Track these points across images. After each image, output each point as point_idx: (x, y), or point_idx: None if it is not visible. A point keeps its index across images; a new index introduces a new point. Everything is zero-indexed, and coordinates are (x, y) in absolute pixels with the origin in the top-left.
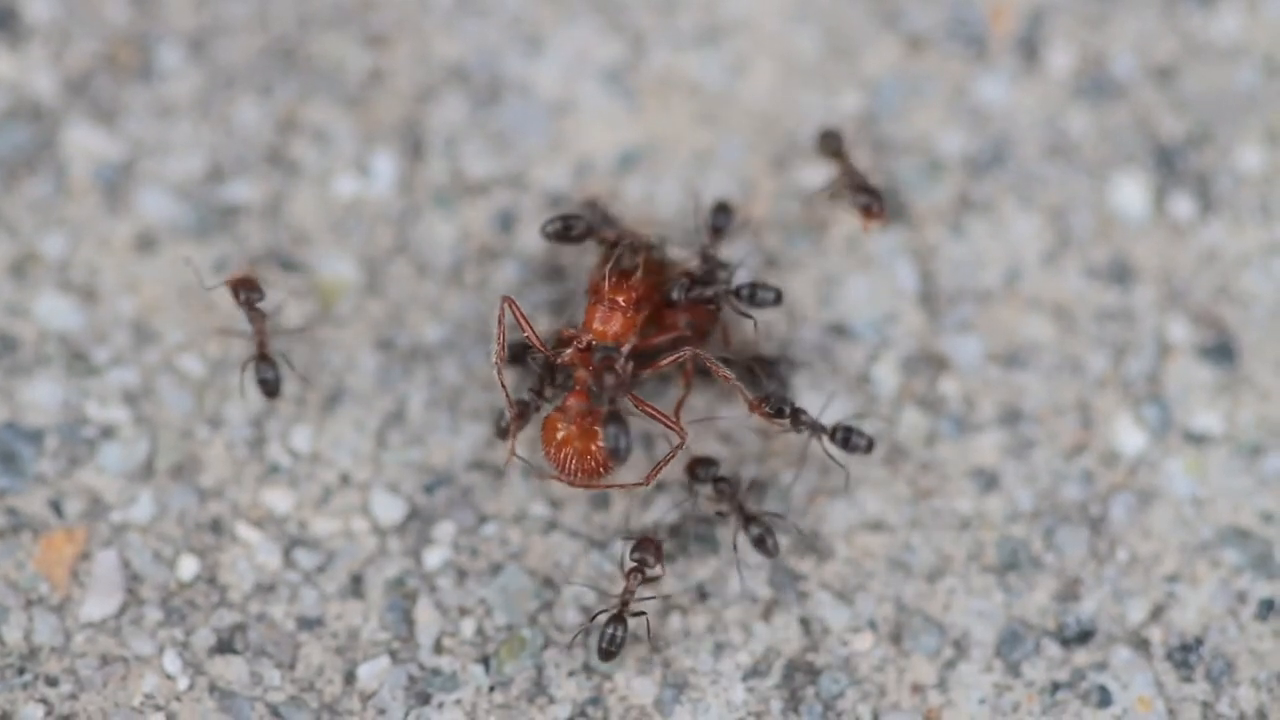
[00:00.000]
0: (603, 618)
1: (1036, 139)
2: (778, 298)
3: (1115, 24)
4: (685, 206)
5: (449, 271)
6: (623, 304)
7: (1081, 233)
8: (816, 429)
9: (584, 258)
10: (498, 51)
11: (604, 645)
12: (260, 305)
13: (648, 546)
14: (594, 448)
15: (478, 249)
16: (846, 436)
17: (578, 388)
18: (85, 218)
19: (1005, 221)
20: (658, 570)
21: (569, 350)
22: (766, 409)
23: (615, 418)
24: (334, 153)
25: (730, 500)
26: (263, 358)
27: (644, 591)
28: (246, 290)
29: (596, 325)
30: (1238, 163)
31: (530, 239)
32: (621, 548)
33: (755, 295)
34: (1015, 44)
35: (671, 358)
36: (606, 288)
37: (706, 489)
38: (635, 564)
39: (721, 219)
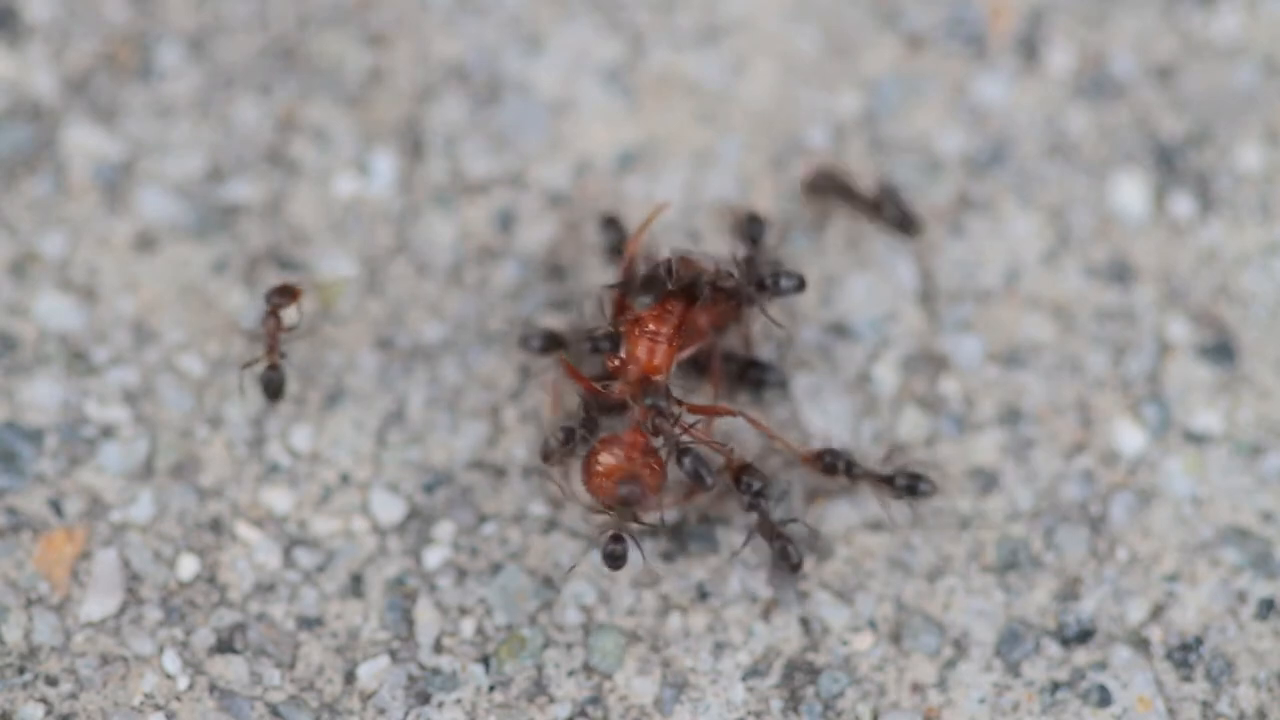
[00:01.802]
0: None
1: (1036, 138)
2: (800, 284)
3: (1115, 23)
4: (685, 205)
5: (449, 271)
6: (665, 335)
7: (1081, 232)
8: (878, 480)
9: (585, 257)
10: (497, 51)
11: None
12: (284, 314)
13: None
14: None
15: (477, 248)
16: (913, 485)
17: (631, 423)
18: (85, 217)
19: (1005, 221)
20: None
21: (616, 384)
22: (822, 465)
23: (685, 452)
24: (333, 152)
25: (763, 517)
26: (271, 365)
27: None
28: (281, 297)
29: (640, 357)
30: (1237, 162)
31: (530, 237)
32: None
33: (779, 283)
34: (1015, 43)
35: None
36: (646, 318)
37: (744, 497)
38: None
39: (756, 229)
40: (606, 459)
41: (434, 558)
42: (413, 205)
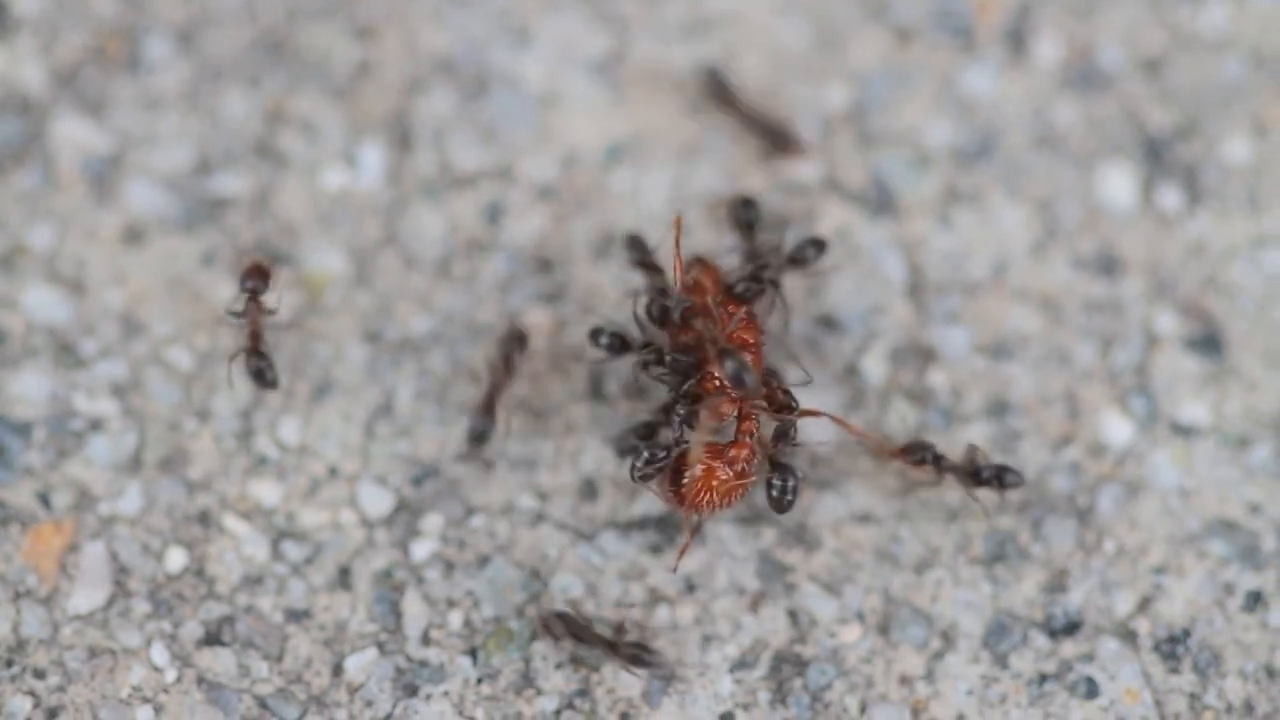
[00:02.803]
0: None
1: (1024, 130)
2: (820, 248)
3: (1102, 15)
4: (673, 198)
5: (437, 263)
6: (754, 344)
7: (1069, 224)
8: (963, 473)
9: (573, 243)
10: (485, 43)
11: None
12: (262, 297)
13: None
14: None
15: (466, 241)
16: (1000, 476)
17: (742, 438)
18: (73, 210)
19: (992, 213)
20: None
21: (721, 403)
22: (910, 458)
23: (782, 467)
24: (322, 144)
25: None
26: (255, 351)
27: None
28: (255, 279)
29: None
30: (1225, 154)
31: (518, 230)
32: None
33: (804, 253)
34: (1002, 35)
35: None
36: (733, 329)
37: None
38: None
39: (748, 213)
40: (724, 475)
41: (422, 550)
42: (401, 198)
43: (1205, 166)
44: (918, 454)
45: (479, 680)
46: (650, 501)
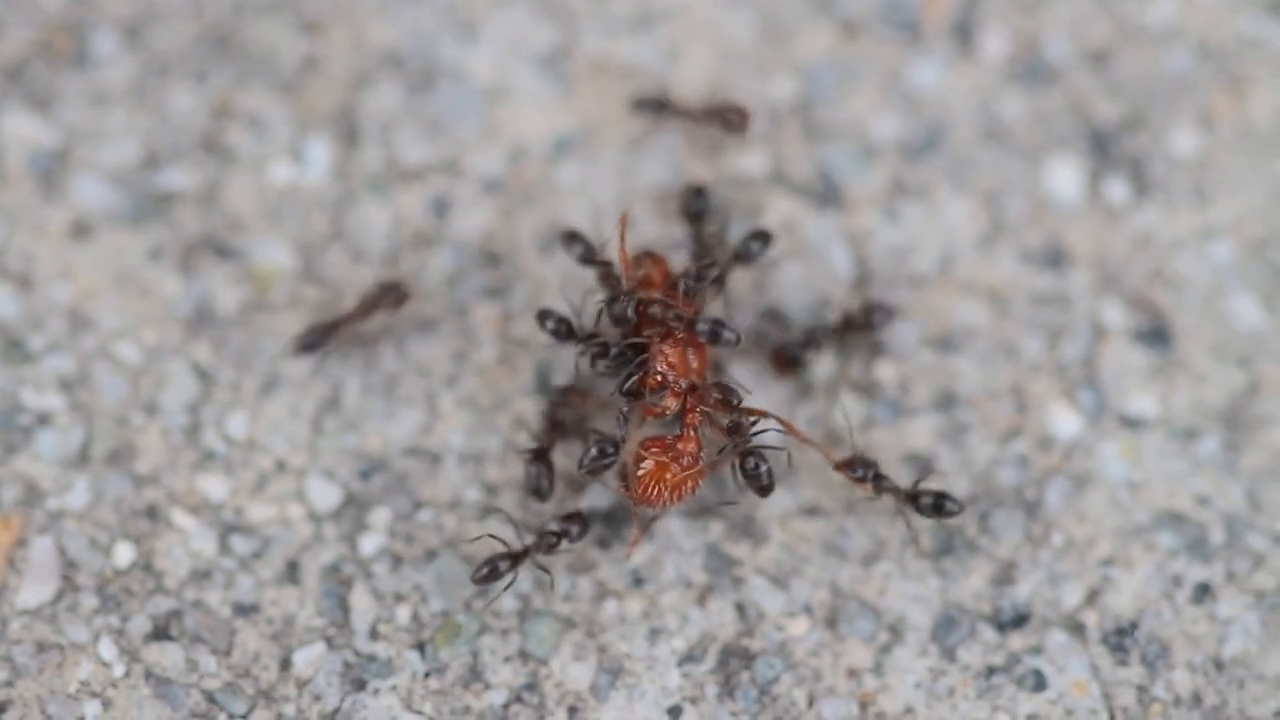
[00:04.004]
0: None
1: (970, 123)
2: (765, 240)
3: (1049, 8)
4: (619, 192)
5: (384, 258)
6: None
7: (1015, 217)
8: (901, 495)
9: (520, 237)
10: (432, 37)
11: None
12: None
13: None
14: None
15: (412, 235)
16: (938, 504)
17: (688, 430)
18: (20, 205)
19: (939, 206)
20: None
21: (664, 398)
22: (851, 473)
23: (749, 453)
24: (269, 139)
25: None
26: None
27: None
28: (394, 296)
29: (689, 364)
30: (1171, 147)
31: (465, 224)
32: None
33: (750, 248)
34: (949, 29)
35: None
36: (680, 327)
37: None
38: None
39: (698, 203)
40: (673, 471)
41: (369, 544)
42: (348, 192)
43: (1152, 159)
44: (859, 470)
45: (427, 674)
46: (597, 495)
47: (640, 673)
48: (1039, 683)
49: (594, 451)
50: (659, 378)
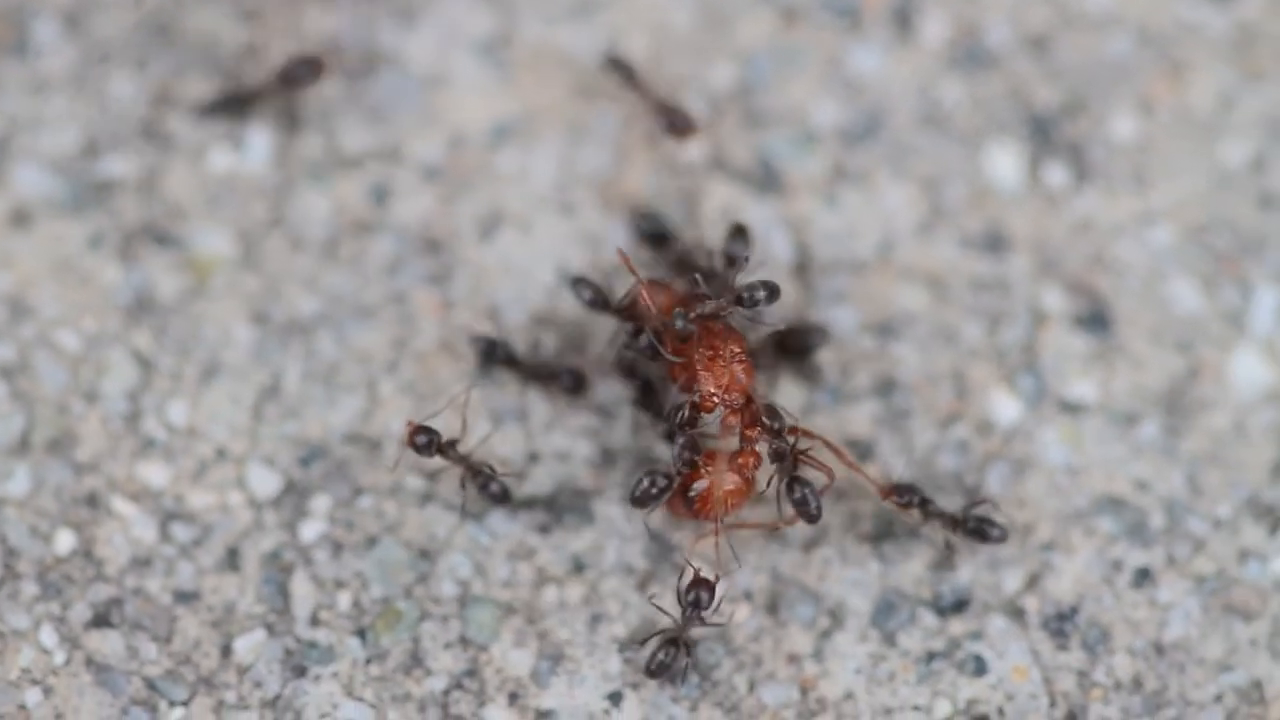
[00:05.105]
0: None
1: (910, 109)
2: (772, 293)
3: None
4: (559, 179)
5: (324, 245)
6: (740, 352)
7: (955, 203)
8: (948, 520)
9: (460, 223)
10: (371, 25)
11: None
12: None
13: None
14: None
15: (352, 222)
16: (980, 529)
17: (748, 446)
18: None
19: (879, 192)
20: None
21: (725, 418)
22: (897, 500)
23: (796, 480)
24: (208, 127)
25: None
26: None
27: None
28: (309, 69)
29: (740, 381)
30: (1111, 132)
31: (405, 211)
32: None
33: (754, 297)
34: (889, 15)
35: None
36: (718, 343)
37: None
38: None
39: (739, 246)
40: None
41: (310, 531)
42: (288, 179)
43: (1092, 144)
44: (905, 497)
45: (368, 661)
46: (538, 482)
47: (581, 659)
48: (979, 668)
49: (645, 483)
50: (712, 399)
